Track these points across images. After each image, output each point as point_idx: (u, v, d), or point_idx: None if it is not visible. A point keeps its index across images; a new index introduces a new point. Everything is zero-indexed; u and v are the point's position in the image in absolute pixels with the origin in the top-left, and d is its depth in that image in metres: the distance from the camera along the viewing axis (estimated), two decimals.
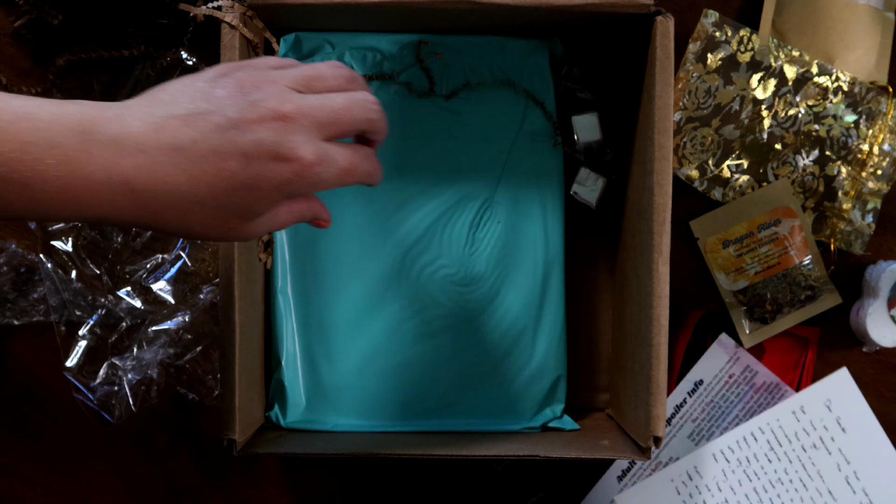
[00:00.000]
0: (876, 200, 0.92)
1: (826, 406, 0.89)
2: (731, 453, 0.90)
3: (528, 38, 0.86)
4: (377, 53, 0.85)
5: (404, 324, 0.87)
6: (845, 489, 0.88)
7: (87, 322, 0.90)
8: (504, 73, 0.86)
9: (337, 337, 0.87)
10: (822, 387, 0.89)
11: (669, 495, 0.89)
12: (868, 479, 0.88)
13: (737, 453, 0.90)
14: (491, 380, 0.87)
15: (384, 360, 0.87)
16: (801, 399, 0.89)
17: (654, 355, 0.74)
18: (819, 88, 0.90)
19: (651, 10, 0.74)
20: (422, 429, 0.87)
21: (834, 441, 0.89)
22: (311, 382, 0.87)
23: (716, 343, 0.93)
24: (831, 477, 0.88)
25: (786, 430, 0.89)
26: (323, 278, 0.87)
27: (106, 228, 0.91)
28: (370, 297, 0.87)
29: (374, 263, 0.87)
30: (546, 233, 0.87)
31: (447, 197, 0.87)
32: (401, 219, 0.87)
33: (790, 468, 0.89)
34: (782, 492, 0.89)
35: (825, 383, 0.89)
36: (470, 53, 0.86)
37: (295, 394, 0.87)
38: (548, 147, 0.87)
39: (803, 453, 0.89)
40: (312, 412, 0.87)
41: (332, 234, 0.86)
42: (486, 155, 0.87)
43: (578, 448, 0.79)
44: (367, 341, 0.87)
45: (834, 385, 0.89)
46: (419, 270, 0.87)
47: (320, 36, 0.85)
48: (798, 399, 0.89)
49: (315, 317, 0.87)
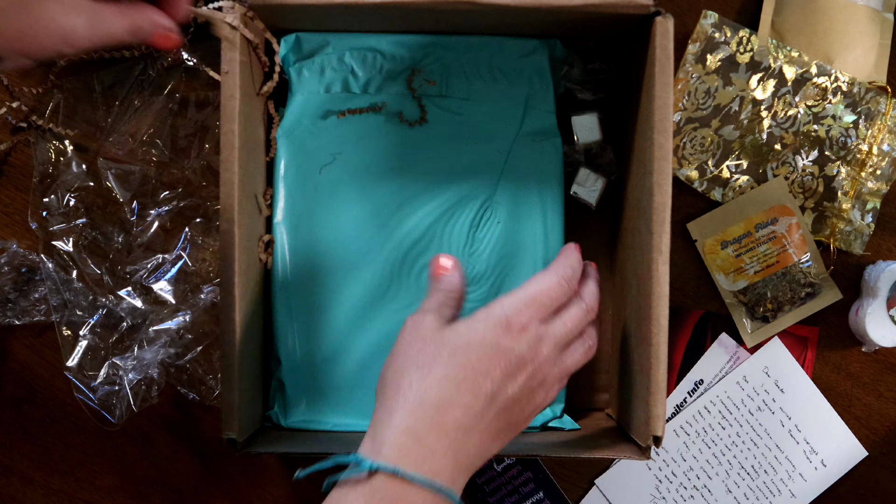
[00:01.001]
0: (875, 200, 0.92)
1: (765, 373, 0.94)
2: (689, 427, 0.95)
3: (528, 38, 0.86)
4: (377, 54, 0.85)
5: None
6: (790, 441, 0.95)
7: (88, 322, 0.90)
8: (504, 74, 0.86)
9: (337, 336, 0.87)
10: (759, 357, 0.94)
11: (642, 470, 0.95)
12: (808, 429, 0.95)
13: (694, 426, 0.95)
14: None
15: (384, 360, 0.87)
16: (744, 370, 0.94)
17: (654, 355, 0.74)
18: (818, 89, 0.90)
19: (650, 10, 0.74)
20: None
21: (775, 402, 0.94)
22: (312, 382, 0.87)
23: (716, 343, 0.93)
24: (777, 433, 0.95)
25: (734, 400, 0.95)
26: (323, 278, 0.87)
27: (106, 228, 0.91)
28: (370, 297, 0.87)
29: (374, 263, 0.87)
30: (546, 233, 0.87)
31: (447, 197, 0.87)
32: (401, 219, 0.87)
33: (741, 431, 0.95)
34: (737, 453, 0.95)
35: (761, 353, 0.94)
36: (470, 53, 0.86)
37: (295, 393, 0.87)
38: (548, 147, 0.87)
39: (751, 416, 0.95)
40: (312, 412, 0.87)
41: (333, 233, 0.86)
42: (486, 155, 0.87)
43: (578, 448, 0.79)
44: (368, 341, 0.87)
45: (769, 353, 0.94)
46: (419, 270, 0.87)
47: (321, 36, 0.86)
48: (741, 370, 0.94)
49: (315, 316, 0.87)
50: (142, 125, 0.91)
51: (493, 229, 0.87)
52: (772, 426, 0.94)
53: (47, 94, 0.92)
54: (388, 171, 0.87)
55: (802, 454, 0.94)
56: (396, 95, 0.86)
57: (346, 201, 0.86)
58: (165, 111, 0.91)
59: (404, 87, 0.86)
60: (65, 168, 0.91)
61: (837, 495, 0.95)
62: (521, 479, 0.94)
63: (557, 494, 0.94)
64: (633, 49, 0.82)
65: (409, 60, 0.86)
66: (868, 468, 0.95)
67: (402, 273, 0.87)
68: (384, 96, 0.86)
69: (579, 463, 0.94)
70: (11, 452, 0.94)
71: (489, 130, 0.87)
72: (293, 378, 0.87)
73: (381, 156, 0.87)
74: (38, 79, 0.92)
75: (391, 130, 0.86)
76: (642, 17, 0.76)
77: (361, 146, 0.86)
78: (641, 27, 0.78)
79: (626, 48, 0.86)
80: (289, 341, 0.87)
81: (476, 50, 0.86)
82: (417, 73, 0.86)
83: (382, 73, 0.86)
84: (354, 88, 0.86)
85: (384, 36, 0.85)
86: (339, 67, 0.86)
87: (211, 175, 0.91)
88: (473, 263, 0.87)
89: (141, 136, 0.91)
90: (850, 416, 0.94)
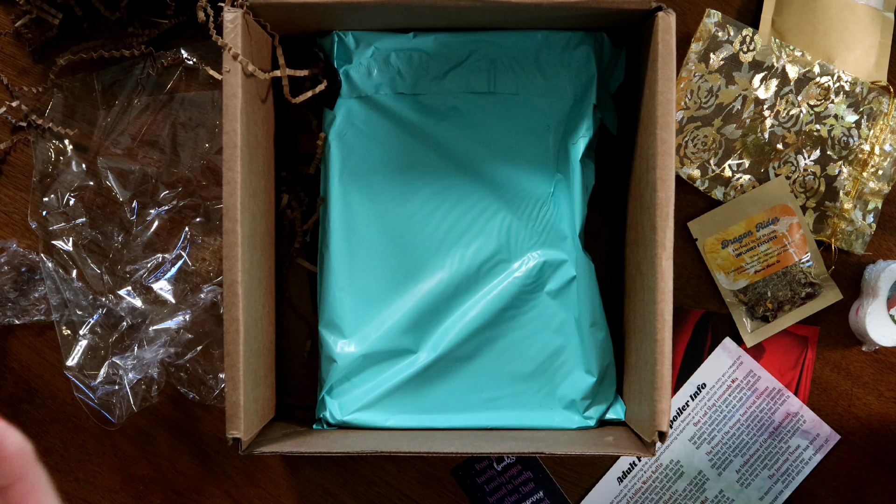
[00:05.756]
0: (877, 200, 0.92)
1: None
2: None
3: (574, 31, 0.86)
4: (423, 54, 0.85)
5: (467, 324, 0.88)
6: None
7: (88, 321, 0.90)
8: (552, 67, 0.86)
9: (399, 336, 0.87)
10: None
11: None
12: None
13: None
14: (535, 374, 0.88)
15: (445, 359, 0.88)
16: None
17: (659, 350, 0.74)
18: (821, 88, 0.90)
19: (652, 5, 0.74)
20: (474, 423, 0.87)
21: None
22: (371, 380, 0.88)
23: (719, 347, 0.93)
24: None
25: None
26: (384, 281, 0.87)
27: (106, 228, 0.91)
28: (436, 299, 0.87)
29: (439, 268, 0.87)
30: (573, 218, 0.87)
31: (503, 193, 0.87)
32: (457, 216, 0.87)
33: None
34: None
35: None
36: (517, 48, 0.85)
37: (355, 390, 0.87)
38: (587, 140, 0.86)
39: None
40: (369, 410, 0.87)
41: (394, 236, 0.87)
42: (539, 150, 0.87)
43: (582, 444, 0.79)
44: (433, 341, 0.87)
45: None
46: (486, 272, 0.87)
47: (363, 37, 0.85)
48: None
49: (376, 314, 0.87)
50: (142, 125, 0.91)
51: (550, 220, 0.87)
52: None
53: (47, 93, 0.91)
54: (442, 170, 0.87)
55: None
56: (445, 94, 0.86)
57: (404, 203, 0.87)
58: (165, 111, 0.91)
59: (452, 85, 0.86)
60: (64, 167, 0.91)
61: (837, 495, 0.95)
62: (521, 479, 0.94)
63: (557, 494, 0.94)
64: (635, 45, 0.82)
65: (456, 58, 0.86)
66: (868, 468, 0.95)
67: (469, 278, 0.87)
68: (432, 96, 0.86)
69: (579, 463, 0.94)
70: None
71: (540, 124, 0.86)
72: (352, 375, 0.87)
73: (435, 156, 0.87)
74: (38, 78, 0.92)
75: (442, 130, 0.86)
76: (644, 12, 0.76)
77: (413, 147, 0.87)
78: (643, 23, 0.78)
79: (628, 44, 0.86)
80: (346, 338, 0.87)
81: (522, 44, 0.86)
82: (464, 71, 0.86)
83: (429, 73, 0.86)
84: (402, 89, 0.86)
85: (427, 36, 0.85)
86: (385, 69, 0.85)
87: (211, 175, 0.91)
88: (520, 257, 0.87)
89: (141, 135, 0.91)
90: (850, 416, 0.94)
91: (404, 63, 0.86)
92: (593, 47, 0.86)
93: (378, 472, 0.95)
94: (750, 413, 0.94)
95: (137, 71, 0.91)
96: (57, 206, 0.90)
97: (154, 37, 0.91)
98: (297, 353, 0.93)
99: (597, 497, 0.94)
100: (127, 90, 0.91)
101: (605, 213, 0.91)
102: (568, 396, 0.87)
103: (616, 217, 0.90)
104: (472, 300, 0.87)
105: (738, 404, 0.94)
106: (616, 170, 0.89)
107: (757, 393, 0.94)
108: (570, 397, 0.87)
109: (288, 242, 0.92)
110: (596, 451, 0.77)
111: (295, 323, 0.93)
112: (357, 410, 0.86)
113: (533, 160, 0.86)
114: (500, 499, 0.94)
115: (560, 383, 0.87)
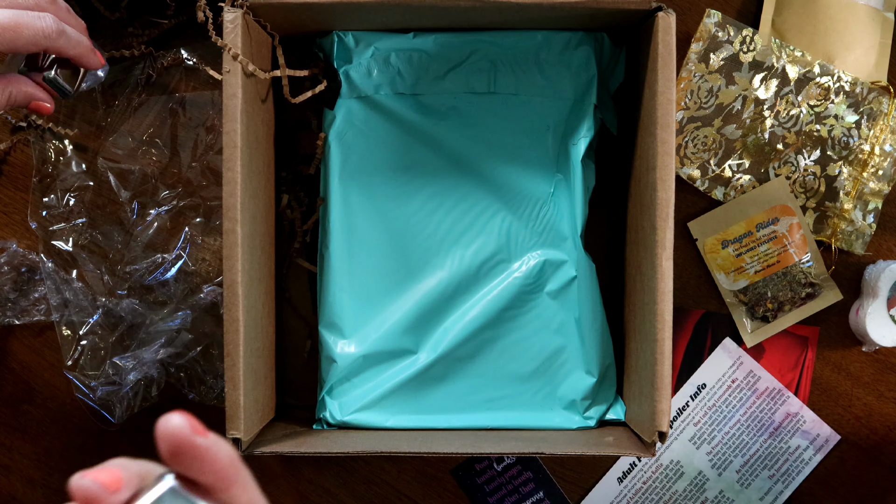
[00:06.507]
0: (877, 200, 0.92)
1: None
2: None
3: (574, 31, 0.86)
4: (423, 54, 0.85)
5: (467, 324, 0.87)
6: None
7: (88, 321, 0.90)
8: (552, 67, 0.86)
9: (399, 336, 0.87)
10: None
11: None
12: None
13: None
14: (536, 374, 0.88)
15: (445, 360, 0.88)
16: None
17: (659, 350, 0.74)
18: (821, 89, 0.90)
19: (652, 5, 0.74)
20: (474, 423, 0.87)
21: None
22: (370, 380, 0.87)
23: (719, 347, 0.93)
24: None
25: None
26: (384, 280, 0.87)
27: (106, 228, 0.91)
28: (436, 298, 0.87)
29: (438, 268, 0.87)
30: (574, 217, 0.87)
31: (504, 193, 0.87)
32: (457, 216, 0.87)
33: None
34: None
35: None
36: (517, 48, 0.85)
37: (353, 390, 0.87)
38: (587, 140, 0.86)
39: None
40: (369, 410, 0.87)
41: (393, 236, 0.87)
42: (539, 150, 0.86)
43: (582, 445, 0.79)
44: (433, 342, 0.87)
45: None
46: (485, 273, 0.87)
47: (363, 37, 0.85)
48: None
49: (375, 315, 0.87)
50: (142, 125, 0.91)
51: (550, 221, 0.87)
52: None
53: None
54: (442, 170, 0.87)
55: None
56: (445, 94, 0.86)
57: (404, 203, 0.87)
58: (165, 111, 0.91)
59: (452, 85, 0.86)
60: (64, 168, 0.91)
61: (837, 495, 0.95)
62: (521, 479, 0.94)
63: (557, 495, 0.94)
64: (635, 45, 0.82)
65: (456, 59, 0.86)
66: (868, 468, 0.95)
67: (469, 276, 0.87)
68: (432, 96, 0.86)
69: (579, 463, 0.94)
70: (11, 452, 0.94)
71: (540, 125, 0.86)
72: (352, 375, 0.87)
73: (435, 156, 0.87)
74: None
75: (442, 130, 0.86)
76: (644, 12, 0.76)
77: (413, 147, 0.87)
78: (643, 23, 0.78)
79: (628, 44, 0.86)
80: (346, 339, 0.87)
81: (522, 44, 0.86)
82: (464, 71, 0.86)
83: (429, 73, 0.86)
84: (402, 89, 0.86)
85: (427, 36, 0.85)
86: (385, 69, 0.85)
87: (211, 175, 0.91)
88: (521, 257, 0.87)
89: (141, 136, 0.91)
90: (850, 416, 0.94)
91: (404, 63, 0.86)
92: (593, 47, 0.86)
93: (378, 472, 0.95)
94: (750, 413, 0.94)
95: (137, 71, 0.91)
96: (57, 206, 0.90)
97: (154, 37, 0.91)
98: (297, 353, 0.93)
99: (597, 497, 0.94)
100: (127, 90, 0.91)
101: (606, 213, 0.91)
102: (568, 397, 0.87)
103: (616, 217, 0.90)
104: (472, 300, 0.87)
105: (739, 404, 0.94)
106: (616, 170, 0.89)
107: (757, 393, 0.94)
108: (571, 397, 0.87)
109: (288, 242, 0.92)
110: (596, 452, 0.77)
111: (295, 323, 0.93)
112: (357, 411, 0.86)
113: (533, 160, 0.86)
114: (500, 499, 0.94)
115: (560, 384, 0.87)
